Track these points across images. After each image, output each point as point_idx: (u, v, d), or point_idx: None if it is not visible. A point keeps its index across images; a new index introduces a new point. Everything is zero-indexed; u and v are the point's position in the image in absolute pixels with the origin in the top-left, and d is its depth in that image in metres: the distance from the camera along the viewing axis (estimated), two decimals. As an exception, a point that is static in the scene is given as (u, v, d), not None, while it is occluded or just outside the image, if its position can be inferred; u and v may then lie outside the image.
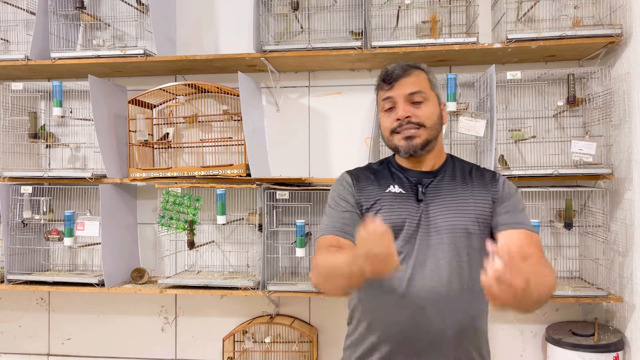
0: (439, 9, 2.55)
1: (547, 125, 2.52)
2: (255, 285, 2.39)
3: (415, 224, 1.37)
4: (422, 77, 1.44)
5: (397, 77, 1.41)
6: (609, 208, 2.28)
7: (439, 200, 1.39)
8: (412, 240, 1.36)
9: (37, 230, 2.73)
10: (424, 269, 1.34)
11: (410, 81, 1.41)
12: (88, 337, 2.86)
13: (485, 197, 1.41)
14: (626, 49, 2.22)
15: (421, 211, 1.38)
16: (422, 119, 1.39)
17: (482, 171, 1.49)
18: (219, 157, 2.70)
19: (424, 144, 1.39)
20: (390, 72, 1.42)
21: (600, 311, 2.43)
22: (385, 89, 1.43)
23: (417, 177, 1.44)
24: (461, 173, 1.46)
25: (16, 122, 2.69)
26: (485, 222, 1.39)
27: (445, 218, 1.37)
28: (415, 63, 1.46)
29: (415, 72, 1.43)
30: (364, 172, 1.51)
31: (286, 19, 2.69)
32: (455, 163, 1.51)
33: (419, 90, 1.40)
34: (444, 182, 1.43)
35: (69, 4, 2.64)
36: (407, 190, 1.42)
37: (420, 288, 1.33)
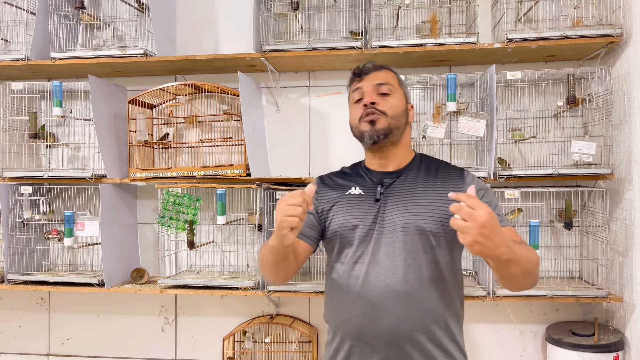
0: (439, 9, 2.55)
1: (547, 125, 2.52)
2: (255, 285, 2.39)
3: (369, 224, 1.41)
4: (391, 74, 1.52)
5: (367, 71, 1.50)
6: (609, 208, 2.28)
7: (396, 200, 1.42)
8: (368, 239, 1.40)
9: (37, 230, 2.73)
10: (379, 267, 1.37)
11: (379, 75, 1.50)
12: (88, 337, 2.86)
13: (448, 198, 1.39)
14: (626, 49, 2.22)
15: (377, 211, 1.42)
16: (386, 107, 1.45)
17: (449, 170, 1.50)
18: (219, 157, 2.71)
19: (386, 130, 1.43)
20: (362, 67, 1.52)
21: (600, 311, 2.43)
22: (356, 81, 1.51)
23: (379, 177, 1.48)
24: (426, 172, 1.48)
25: (16, 122, 2.69)
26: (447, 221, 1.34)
27: (401, 217, 1.39)
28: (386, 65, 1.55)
29: (385, 69, 1.53)
30: (333, 176, 1.58)
31: (286, 19, 2.69)
32: (422, 162, 1.53)
33: (386, 82, 1.48)
34: (405, 182, 1.46)
35: (69, 4, 2.64)
36: (367, 191, 1.47)
37: (374, 285, 1.36)
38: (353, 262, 1.41)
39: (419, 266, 1.36)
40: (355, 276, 1.39)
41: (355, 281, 1.39)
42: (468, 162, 2.55)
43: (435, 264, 1.38)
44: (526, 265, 1.22)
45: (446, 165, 1.53)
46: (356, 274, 1.39)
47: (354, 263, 1.40)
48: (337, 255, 1.46)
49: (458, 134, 2.46)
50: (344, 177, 1.55)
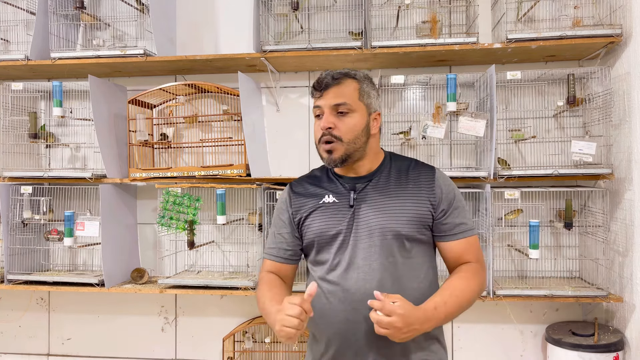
0: (439, 9, 2.55)
1: (547, 125, 2.52)
2: (255, 285, 2.39)
3: (346, 231, 1.42)
4: (352, 86, 1.44)
5: (326, 86, 1.43)
6: (609, 208, 2.28)
7: (370, 204, 1.43)
8: (345, 246, 1.42)
9: (37, 230, 2.73)
10: (358, 272, 1.39)
11: (337, 91, 1.42)
12: (88, 337, 2.86)
13: (421, 199, 1.43)
14: (626, 49, 2.22)
15: (352, 217, 1.42)
16: (342, 132, 1.41)
17: (418, 170, 1.49)
18: (219, 157, 2.70)
19: (342, 158, 1.42)
20: (321, 80, 1.44)
21: (600, 311, 2.43)
22: (316, 96, 1.46)
23: (351, 183, 1.48)
24: (397, 174, 1.48)
25: (16, 122, 2.69)
26: (423, 223, 1.42)
27: (376, 221, 1.40)
28: (350, 71, 1.47)
29: (346, 81, 1.44)
30: (304, 182, 1.57)
31: (286, 19, 2.69)
32: (392, 163, 1.51)
33: (344, 102, 1.41)
34: (378, 186, 1.46)
35: (69, 4, 2.64)
36: (341, 197, 1.47)
37: (354, 291, 1.38)
38: (331, 269, 1.42)
39: (395, 269, 1.38)
40: (335, 283, 1.41)
41: (335, 287, 1.40)
42: (468, 162, 2.55)
43: (411, 267, 1.41)
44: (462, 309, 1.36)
45: (416, 163, 1.52)
46: (336, 281, 1.41)
47: (333, 270, 1.42)
48: (315, 261, 1.48)
49: (458, 134, 2.46)
50: (316, 184, 1.54)
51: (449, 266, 1.48)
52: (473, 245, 1.46)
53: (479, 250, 1.48)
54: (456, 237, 1.44)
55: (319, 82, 1.45)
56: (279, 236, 1.53)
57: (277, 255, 1.53)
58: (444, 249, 1.46)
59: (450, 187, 1.47)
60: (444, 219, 1.43)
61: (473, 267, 1.43)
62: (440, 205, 1.43)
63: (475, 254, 1.46)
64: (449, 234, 1.44)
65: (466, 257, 1.45)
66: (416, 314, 1.25)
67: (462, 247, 1.44)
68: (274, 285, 1.47)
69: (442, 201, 1.43)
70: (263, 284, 1.49)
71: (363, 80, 1.47)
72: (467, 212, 1.49)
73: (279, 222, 1.54)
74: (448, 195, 1.45)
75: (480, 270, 1.44)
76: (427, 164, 1.52)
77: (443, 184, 1.46)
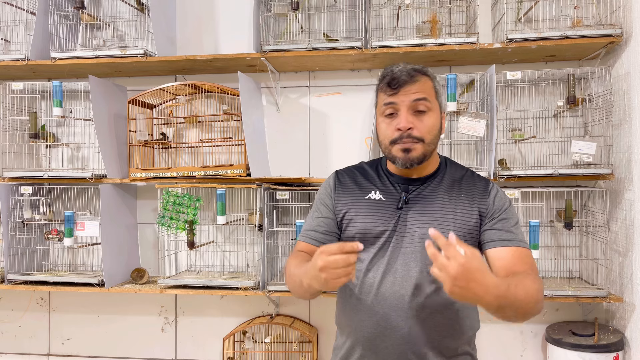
0: (439, 9, 2.55)
1: (547, 125, 2.52)
2: (255, 285, 2.39)
3: (389, 232, 1.36)
4: (429, 84, 1.37)
5: (403, 83, 1.33)
6: (609, 208, 2.28)
7: (418, 209, 1.37)
8: (385, 247, 1.36)
9: (37, 230, 2.73)
10: (395, 276, 1.33)
11: (415, 88, 1.34)
12: (88, 337, 2.86)
13: (470, 210, 1.37)
14: (626, 49, 2.22)
15: (398, 219, 1.36)
16: (423, 132, 1.34)
17: (474, 180, 1.43)
18: (219, 157, 2.71)
19: (420, 158, 1.35)
20: (397, 77, 1.33)
21: (600, 311, 2.43)
22: (389, 93, 1.35)
23: (404, 184, 1.41)
24: (450, 181, 1.42)
25: (16, 122, 2.69)
26: (469, 235, 1.35)
27: (421, 227, 1.34)
28: (423, 67, 1.38)
29: (422, 78, 1.36)
30: (351, 173, 1.50)
31: (286, 19, 2.69)
32: (447, 169, 1.45)
33: (424, 98, 1.34)
34: (428, 190, 1.40)
35: (69, 4, 2.64)
36: (389, 196, 1.40)
37: (388, 295, 1.32)
38: (368, 269, 1.37)
39: (434, 279, 1.30)
40: (370, 284, 1.35)
41: (369, 289, 1.35)
42: (468, 162, 2.55)
43: None
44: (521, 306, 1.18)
45: (472, 174, 1.45)
46: (370, 282, 1.35)
47: (369, 270, 1.37)
48: None
49: (458, 134, 2.46)
50: (363, 177, 1.47)
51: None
52: (528, 257, 1.32)
53: (535, 265, 1.33)
54: (507, 243, 1.32)
55: (394, 78, 1.33)
56: (319, 220, 1.45)
57: (314, 239, 1.44)
58: (494, 256, 1.33)
59: (504, 199, 1.40)
60: (494, 225, 1.35)
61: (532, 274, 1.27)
62: (490, 214, 1.36)
63: (531, 266, 1.30)
64: (499, 239, 1.33)
65: (519, 267, 1.29)
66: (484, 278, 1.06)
67: (514, 256, 1.31)
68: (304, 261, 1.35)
69: (492, 211, 1.37)
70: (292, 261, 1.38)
71: (434, 78, 1.40)
72: (519, 228, 1.38)
73: (321, 207, 1.47)
74: (500, 205, 1.37)
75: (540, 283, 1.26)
76: (483, 177, 1.46)
77: (496, 195, 1.39)
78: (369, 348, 1.36)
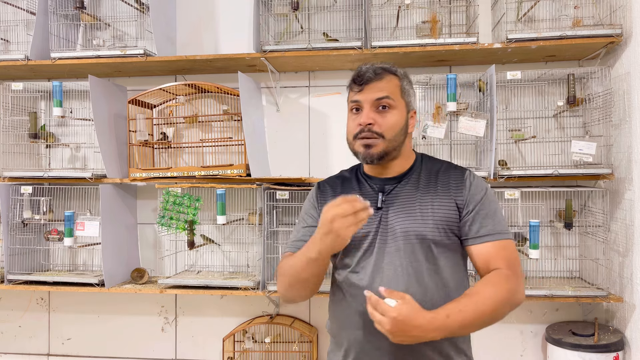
0: (439, 9, 2.55)
1: (547, 125, 2.52)
2: (255, 285, 2.39)
3: (373, 233, 1.37)
4: (394, 82, 1.40)
5: (367, 80, 1.37)
6: (609, 208, 2.28)
7: (397, 207, 1.38)
8: (371, 249, 1.37)
9: (37, 230, 2.73)
10: (382, 276, 1.34)
11: (379, 86, 1.37)
12: (88, 337, 2.86)
13: (448, 203, 1.36)
14: (626, 49, 2.22)
15: (380, 219, 1.37)
16: (383, 129, 1.36)
17: (449, 172, 1.43)
18: (219, 157, 2.71)
19: (381, 154, 1.37)
20: (362, 74, 1.38)
21: (600, 311, 2.43)
22: (355, 90, 1.40)
23: (380, 184, 1.43)
24: (427, 176, 1.42)
25: (16, 122, 2.69)
26: (450, 228, 1.35)
27: (402, 224, 1.35)
28: (391, 66, 1.42)
29: (388, 76, 1.39)
30: (332, 182, 1.53)
31: (286, 19, 2.69)
32: (423, 165, 1.46)
33: (387, 96, 1.36)
34: (406, 188, 1.40)
35: (69, 4, 2.64)
36: (368, 199, 1.37)
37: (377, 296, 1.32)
38: (355, 272, 1.38)
39: (421, 275, 1.32)
40: (357, 286, 1.36)
41: (358, 291, 1.35)
42: (468, 162, 2.55)
43: (437, 273, 1.34)
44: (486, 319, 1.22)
45: (448, 166, 1.45)
46: (358, 284, 1.36)
47: (357, 273, 1.37)
48: (340, 264, 1.44)
49: (458, 134, 2.45)
50: (344, 184, 1.50)
51: (480, 275, 1.36)
52: (504, 250, 1.33)
53: (513, 256, 1.33)
54: (482, 239, 1.33)
55: (360, 75, 1.38)
56: (305, 230, 1.47)
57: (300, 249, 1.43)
58: (471, 253, 1.36)
59: (479, 187, 1.39)
60: (471, 220, 1.35)
61: (502, 274, 1.29)
62: (467, 206, 1.36)
63: (507, 260, 1.32)
64: (474, 236, 1.34)
65: (495, 263, 1.31)
66: (418, 321, 1.14)
67: (490, 252, 1.32)
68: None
69: (468, 202, 1.36)
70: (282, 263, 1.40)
71: (403, 77, 1.43)
72: (499, 216, 1.37)
73: (307, 217, 1.49)
74: (475, 196, 1.37)
75: (512, 277, 1.28)
76: (460, 166, 1.45)
77: (472, 185, 1.38)
78: (362, 350, 1.36)
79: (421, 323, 1.14)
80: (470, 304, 1.22)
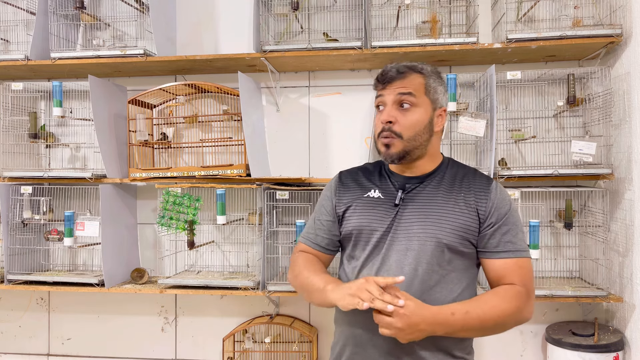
0: (439, 9, 2.55)
1: (547, 125, 2.52)
2: (255, 285, 2.39)
3: (384, 230, 1.36)
4: (418, 80, 1.38)
5: (390, 79, 1.38)
6: (609, 208, 2.28)
7: (415, 207, 1.37)
8: (380, 244, 1.36)
9: (37, 230, 2.73)
10: (388, 273, 1.33)
11: (402, 84, 1.37)
12: (88, 337, 2.86)
13: (469, 211, 1.35)
14: (626, 49, 2.22)
15: (394, 216, 1.36)
16: (402, 128, 1.35)
17: (475, 179, 1.41)
18: (219, 157, 2.70)
19: (400, 154, 1.36)
20: (385, 73, 1.39)
21: (600, 311, 2.43)
22: (379, 88, 1.41)
23: (402, 181, 1.42)
24: (451, 180, 1.41)
25: (16, 122, 2.69)
26: (467, 235, 1.34)
27: (418, 225, 1.34)
28: (417, 64, 1.41)
29: (411, 75, 1.38)
30: (354, 173, 1.52)
31: (286, 19, 2.69)
32: (448, 169, 1.45)
33: (408, 93, 1.36)
34: (427, 189, 1.39)
35: (69, 4, 2.64)
36: (387, 195, 1.41)
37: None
38: (362, 266, 1.38)
39: (429, 278, 1.31)
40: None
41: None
42: (468, 162, 2.55)
43: (448, 279, 1.33)
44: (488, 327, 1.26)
45: (474, 173, 1.43)
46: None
47: (364, 267, 1.37)
48: (349, 255, 1.44)
49: (458, 134, 2.45)
50: (365, 176, 1.48)
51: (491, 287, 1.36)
52: (521, 269, 1.32)
53: (528, 275, 1.33)
54: (501, 255, 1.32)
55: (383, 74, 1.40)
56: (319, 222, 1.48)
57: (314, 242, 1.48)
58: (487, 267, 1.35)
59: (504, 201, 1.37)
60: (491, 233, 1.34)
61: (515, 290, 1.29)
62: (489, 218, 1.34)
63: (521, 279, 1.31)
64: (493, 250, 1.33)
65: (509, 279, 1.31)
66: (424, 313, 1.18)
67: (505, 269, 1.32)
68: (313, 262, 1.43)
69: (491, 214, 1.34)
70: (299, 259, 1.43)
71: (430, 74, 1.41)
72: (520, 233, 1.36)
73: (321, 209, 1.50)
74: (500, 210, 1.35)
75: (523, 295, 1.29)
76: (486, 175, 1.44)
77: (497, 197, 1.36)
78: (360, 346, 1.36)
79: (426, 316, 1.18)
80: (477, 308, 1.23)
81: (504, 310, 1.26)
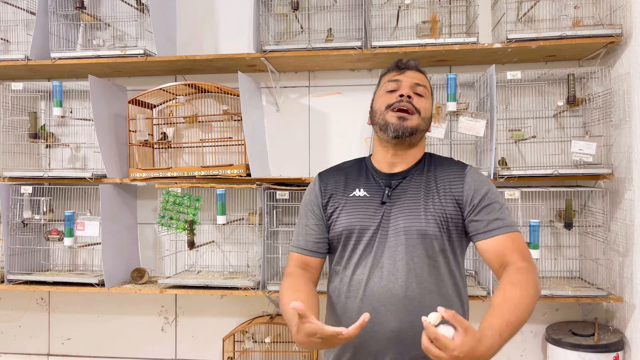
0: (439, 9, 2.55)
1: (547, 125, 2.52)
2: (255, 285, 2.39)
3: (374, 227, 1.38)
4: (427, 81, 1.52)
5: (409, 67, 1.48)
6: (609, 208, 2.28)
7: (401, 203, 1.39)
8: (371, 243, 1.38)
9: (37, 230, 2.73)
10: (382, 271, 1.35)
11: (418, 76, 1.49)
12: (88, 337, 2.86)
13: (447, 200, 1.38)
14: (626, 49, 2.22)
15: (382, 214, 1.38)
16: (421, 107, 1.44)
17: (450, 168, 1.45)
18: (219, 157, 2.71)
19: (413, 129, 1.41)
20: (405, 61, 1.50)
21: (600, 311, 2.43)
22: (395, 72, 1.49)
23: (386, 179, 1.44)
24: (430, 173, 1.44)
25: (16, 122, 2.69)
26: (450, 224, 1.36)
27: (404, 220, 1.36)
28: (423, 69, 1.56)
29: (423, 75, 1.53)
30: (334, 173, 1.53)
31: (286, 19, 2.69)
32: (427, 162, 1.48)
33: (424, 85, 1.47)
34: (410, 184, 1.42)
35: (69, 4, 2.64)
36: (373, 193, 1.43)
37: (377, 290, 1.34)
38: (355, 267, 1.38)
39: (421, 271, 1.34)
40: (358, 280, 1.37)
41: (358, 286, 1.36)
42: (468, 162, 2.54)
43: (437, 269, 1.36)
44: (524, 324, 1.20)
45: (449, 162, 1.48)
46: (358, 278, 1.37)
47: (357, 267, 1.38)
48: (340, 257, 1.44)
49: (458, 134, 2.46)
50: (347, 175, 1.50)
51: (495, 270, 1.34)
52: (515, 242, 1.32)
53: (523, 246, 1.33)
54: (491, 233, 1.33)
55: (402, 62, 1.50)
56: (307, 228, 1.48)
57: (305, 248, 1.48)
58: (483, 249, 1.34)
59: (481, 183, 1.40)
60: (475, 215, 1.35)
61: (522, 269, 1.26)
62: (470, 202, 1.36)
63: (521, 252, 1.31)
64: (483, 231, 1.34)
65: (510, 257, 1.30)
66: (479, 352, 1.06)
67: (501, 245, 1.32)
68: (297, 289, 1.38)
69: (471, 198, 1.37)
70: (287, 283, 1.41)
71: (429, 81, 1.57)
72: (504, 209, 1.37)
73: (308, 214, 1.49)
74: (479, 192, 1.37)
75: (530, 269, 1.27)
76: (461, 162, 1.48)
77: (473, 180, 1.39)
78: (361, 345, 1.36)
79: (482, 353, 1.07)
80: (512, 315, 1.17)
81: (530, 299, 1.22)
